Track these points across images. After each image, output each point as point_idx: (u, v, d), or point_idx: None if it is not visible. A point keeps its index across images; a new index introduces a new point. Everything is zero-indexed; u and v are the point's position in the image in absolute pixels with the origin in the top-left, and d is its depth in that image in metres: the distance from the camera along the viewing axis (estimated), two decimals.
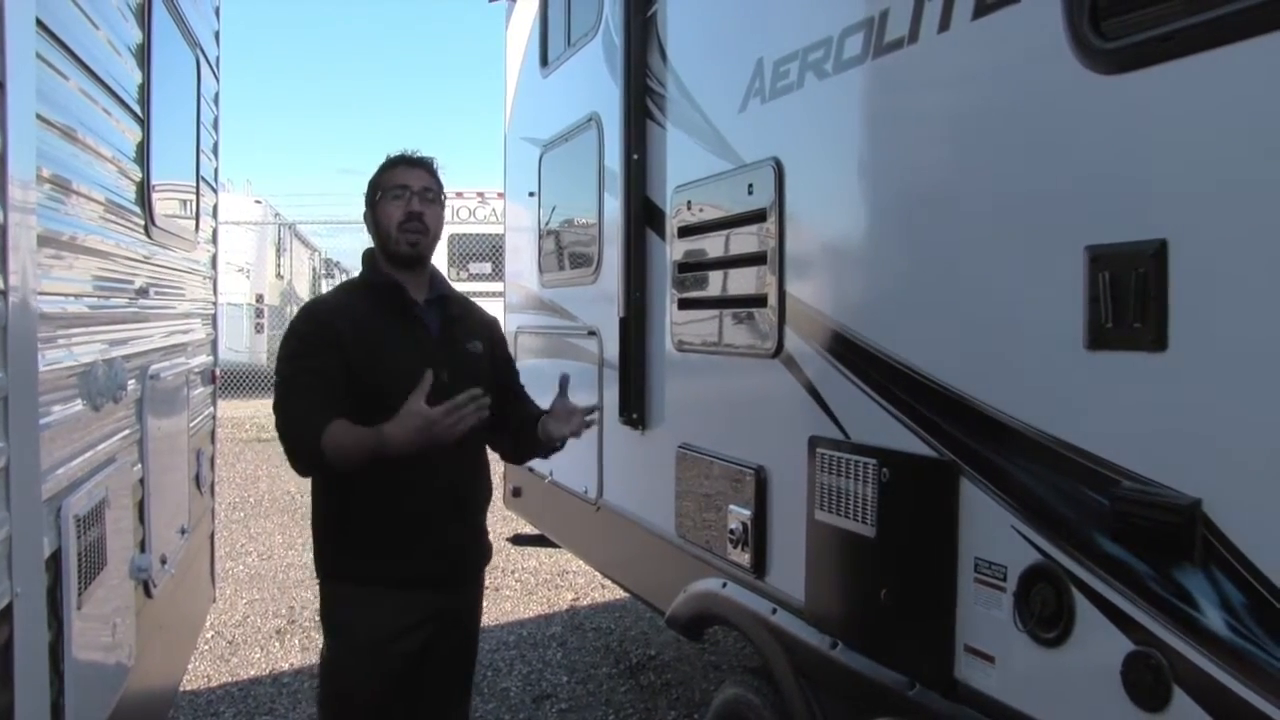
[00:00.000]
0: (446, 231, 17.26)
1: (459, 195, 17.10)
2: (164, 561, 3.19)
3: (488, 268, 15.93)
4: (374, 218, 3.00)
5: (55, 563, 2.03)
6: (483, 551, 3.13)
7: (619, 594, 6.82)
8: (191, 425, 3.81)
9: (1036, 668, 2.04)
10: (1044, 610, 2.01)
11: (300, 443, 2.75)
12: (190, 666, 5.52)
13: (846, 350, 2.64)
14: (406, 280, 3.01)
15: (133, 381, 2.85)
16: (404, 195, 2.96)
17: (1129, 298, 1.84)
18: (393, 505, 2.86)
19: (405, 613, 2.89)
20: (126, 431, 2.78)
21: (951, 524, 2.24)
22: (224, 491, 6.32)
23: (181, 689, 5.19)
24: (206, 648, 5.81)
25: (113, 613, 2.47)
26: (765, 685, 3.13)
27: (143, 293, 3.09)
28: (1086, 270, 1.90)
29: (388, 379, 2.81)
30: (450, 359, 2.96)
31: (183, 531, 3.58)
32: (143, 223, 3.08)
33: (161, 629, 3.21)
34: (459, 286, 12.55)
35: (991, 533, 2.14)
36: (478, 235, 16.34)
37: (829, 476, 2.65)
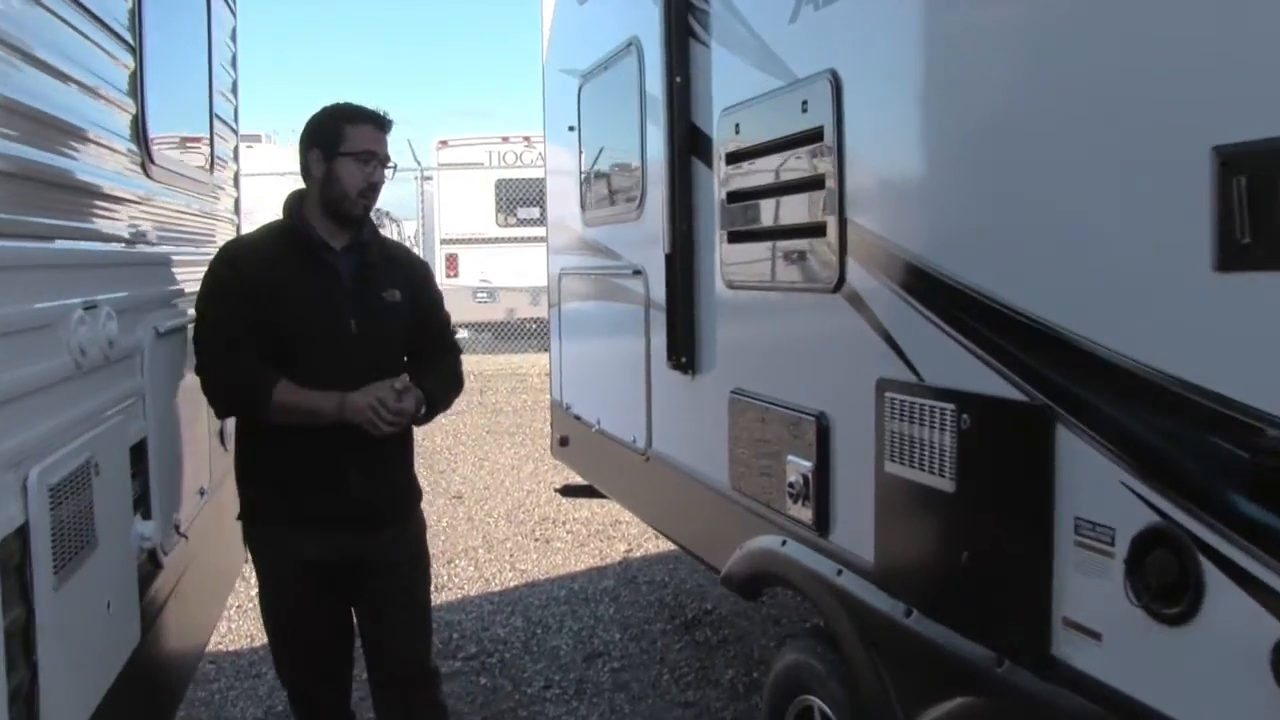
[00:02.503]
0: (493, 176, 16.99)
1: (505, 140, 16.79)
2: (177, 528, 2.96)
3: (536, 212, 15.61)
4: (331, 172, 2.92)
5: (21, 538, 1.79)
6: (397, 497, 3.09)
7: (673, 545, 6.59)
8: None
9: (1155, 649, 1.74)
10: (1163, 581, 1.70)
11: (251, 394, 2.80)
12: (232, 627, 5.37)
13: (918, 282, 2.32)
14: (330, 227, 2.96)
15: (130, 334, 2.60)
16: (370, 163, 2.93)
17: (1271, 206, 1.51)
18: (298, 453, 2.87)
19: (309, 550, 2.90)
20: (123, 389, 2.53)
21: (1046, 478, 1.93)
22: None
23: (224, 649, 5.05)
24: (251, 606, 5.65)
25: (106, 588, 2.23)
26: (830, 652, 2.86)
27: (142, 237, 2.82)
28: (1215, 175, 1.56)
29: (292, 325, 2.85)
30: (360, 308, 2.95)
31: (202, 493, 3.35)
32: (139, 160, 2.81)
33: (177, 598, 2.99)
34: (508, 233, 12.24)
35: (1096, 489, 1.83)
36: (525, 180, 15.98)
37: (900, 423, 2.35)
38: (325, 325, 2.88)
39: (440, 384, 3.09)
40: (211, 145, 3.91)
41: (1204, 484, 1.63)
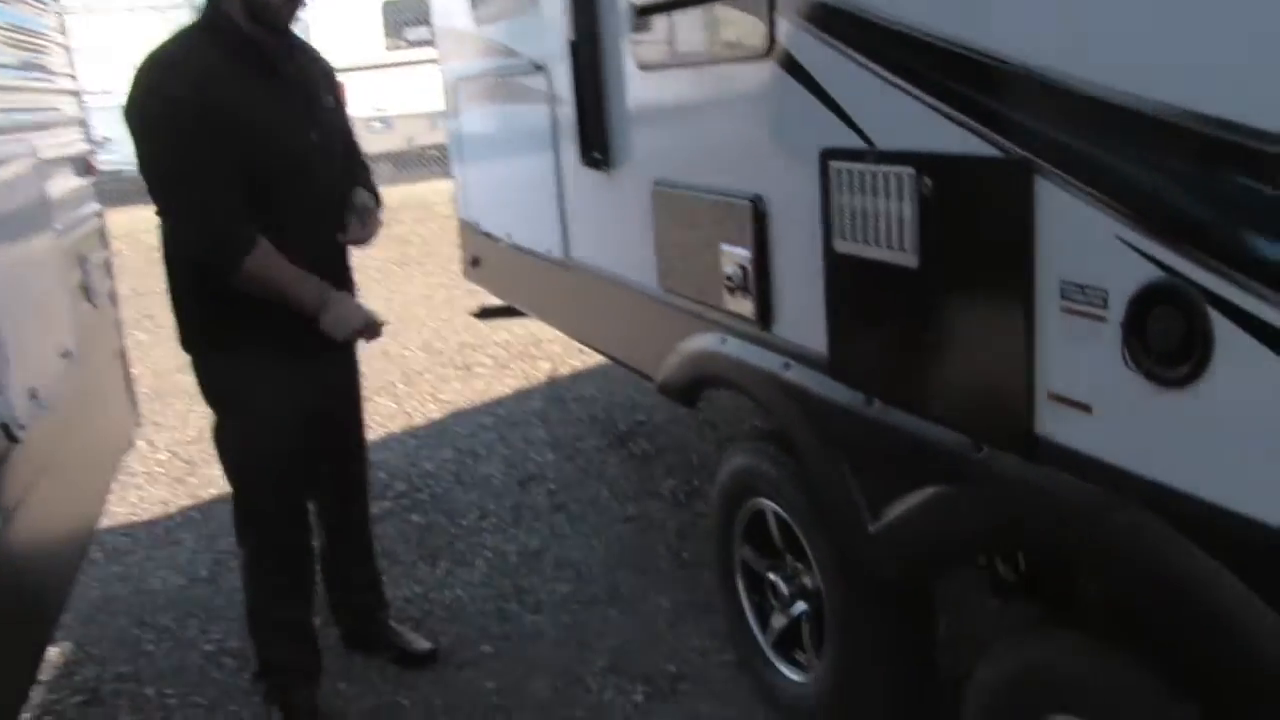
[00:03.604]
0: None
1: None
2: (34, 396, 2.60)
3: (427, 32, 14.78)
4: None
5: None
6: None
7: (599, 359, 6.39)
8: (62, 225, 3.12)
9: (1154, 415, 1.56)
10: (1167, 341, 1.51)
11: (221, 252, 2.58)
12: (143, 495, 5.06)
13: (862, 33, 2.04)
14: (258, 33, 2.67)
15: None
16: None
17: None
18: None
19: (291, 376, 2.78)
20: None
21: (1025, 242, 1.71)
22: (160, 302, 5.65)
23: (138, 519, 4.76)
24: (161, 471, 5.35)
25: None
26: (781, 453, 2.69)
27: None
28: None
29: (264, 149, 2.62)
30: (313, 118, 2.78)
31: (66, 355, 2.98)
32: None
33: (47, 473, 2.64)
34: (399, 56, 11.56)
35: (1085, 248, 1.62)
36: None
37: (850, 196, 2.10)
38: (290, 140, 2.68)
39: (377, 199, 3.05)
40: None
41: (1217, 229, 1.42)
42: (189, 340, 2.80)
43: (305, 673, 3.07)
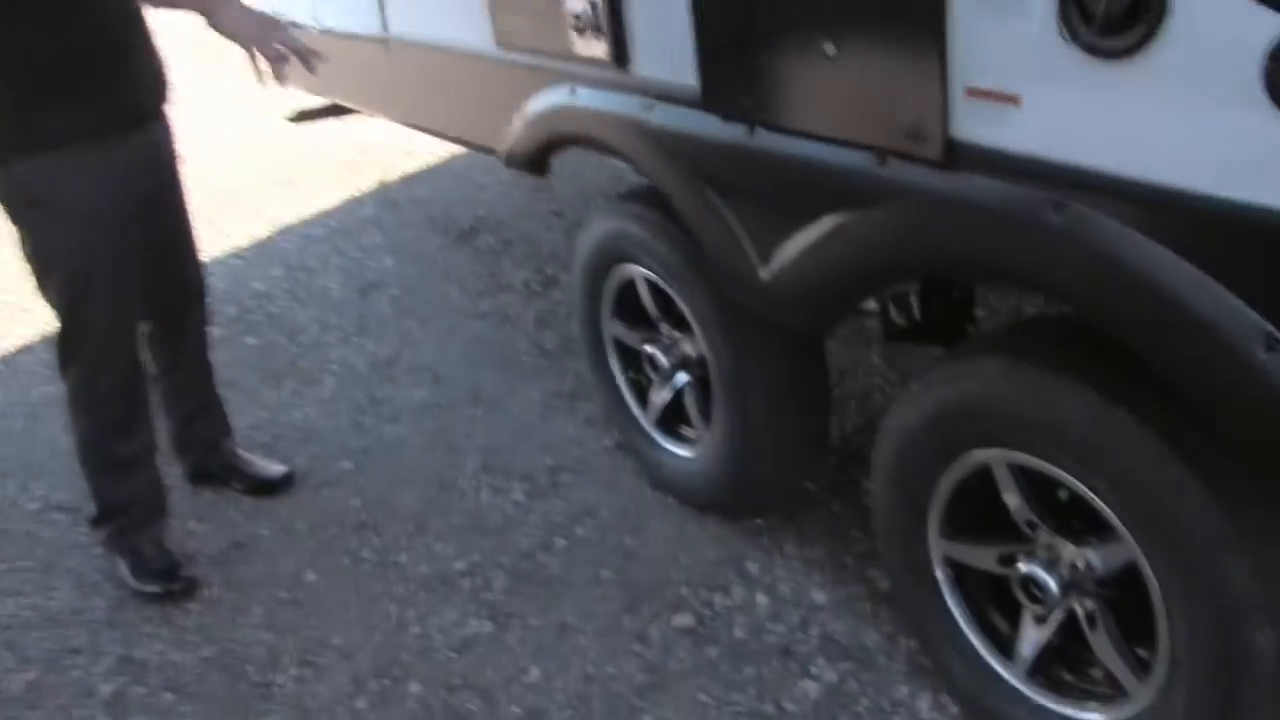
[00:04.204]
0: None
1: None
2: None
3: None
4: None
5: None
6: (161, 78, 2.67)
7: (430, 159, 5.99)
8: None
9: (1100, 95, 1.36)
10: (1115, 3, 1.29)
11: None
12: None
13: None
14: None
15: None
16: None
17: None
18: (74, 43, 2.36)
19: (104, 163, 2.46)
20: None
21: None
22: None
23: None
24: None
25: None
26: (647, 209, 2.45)
27: None
28: None
29: None
30: None
31: None
32: None
33: None
34: None
35: None
36: None
37: None
38: None
39: None
40: None
41: None
42: None
43: (150, 511, 2.79)
